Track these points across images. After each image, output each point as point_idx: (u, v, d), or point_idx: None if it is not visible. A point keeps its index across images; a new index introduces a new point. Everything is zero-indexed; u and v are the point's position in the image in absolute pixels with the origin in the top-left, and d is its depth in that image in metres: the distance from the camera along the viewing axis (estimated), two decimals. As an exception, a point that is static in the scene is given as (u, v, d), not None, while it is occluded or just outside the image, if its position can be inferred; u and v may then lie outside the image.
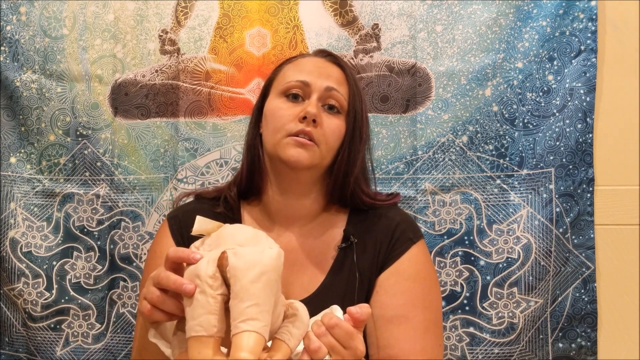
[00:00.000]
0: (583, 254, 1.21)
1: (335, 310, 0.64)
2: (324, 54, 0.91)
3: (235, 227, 0.60)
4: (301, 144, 0.81)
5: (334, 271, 0.85)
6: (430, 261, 0.89)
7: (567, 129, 1.21)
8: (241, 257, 0.53)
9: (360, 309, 0.60)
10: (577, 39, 1.21)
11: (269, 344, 0.60)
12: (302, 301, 0.65)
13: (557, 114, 1.21)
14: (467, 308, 1.21)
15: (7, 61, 1.30)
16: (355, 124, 0.85)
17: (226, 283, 0.54)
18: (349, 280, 0.84)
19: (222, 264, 0.54)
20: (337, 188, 0.87)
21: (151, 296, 0.58)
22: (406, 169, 1.24)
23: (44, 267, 1.28)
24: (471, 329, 1.21)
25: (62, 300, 1.28)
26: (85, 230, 1.29)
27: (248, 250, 0.54)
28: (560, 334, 1.21)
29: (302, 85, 0.84)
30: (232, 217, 0.89)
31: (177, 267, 0.58)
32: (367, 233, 0.87)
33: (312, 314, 0.64)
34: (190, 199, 0.98)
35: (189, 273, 0.55)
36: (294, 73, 0.86)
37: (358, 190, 0.88)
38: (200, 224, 0.60)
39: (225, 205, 0.90)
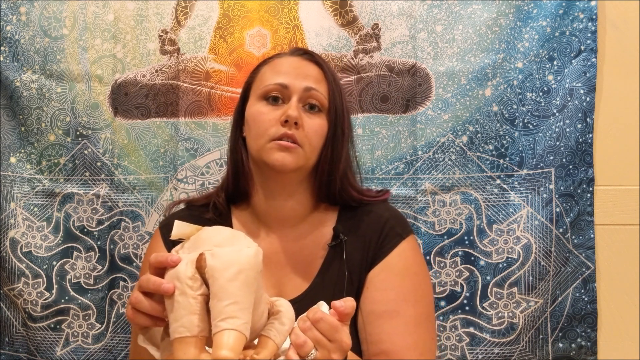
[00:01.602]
0: (583, 254, 1.21)
1: (321, 305, 0.65)
2: (301, 52, 0.90)
3: (213, 229, 0.60)
4: (285, 148, 0.81)
5: (324, 269, 0.86)
6: (420, 256, 0.89)
7: (567, 129, 1.21)
8: (218, 258, 0.54)
9: (344, 303, 0.61)
10: (577, 39, 1.21)
11: (255, 341, 0.60)
12: (293, 300, 0.66)
13: (557, 114, 1.21)
14: (467, 308, 1.21)
15: (7, 61, 1.30)
16: (336, 121, 0.85)
17: (206, 284, 0.55)
18: (339, 278, 0.84)
19: (200, 266, 0.55)
20: (323, 187, 0.88)
21: (131, 299, 0.59)
22: (406, 169, 1.24)
23: (44, 267, 1.28)
24: (471, 329, 1.21)
25: (62, 300, 1.28)
26: (85, 230, 1.29)
27: (225, 250, 0.55)
28: (560, 334, 1.21)
29: (281, 88, 0.84)
30: (221, 222, 0.89)
31: (161, 272, 0.58)
32: (356, 230, 0.87)
33: (303, 312, 0.65)
34: (182, 206, 0.98)
35: (169, 276, 0.56)
36: (272, 75, 0.85)
37: (346, 185, 0.88)
38: (179, 228, 0.60)
39: (214, 211, 0.91)
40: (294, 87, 0.83)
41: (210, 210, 0.91)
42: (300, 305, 0.66)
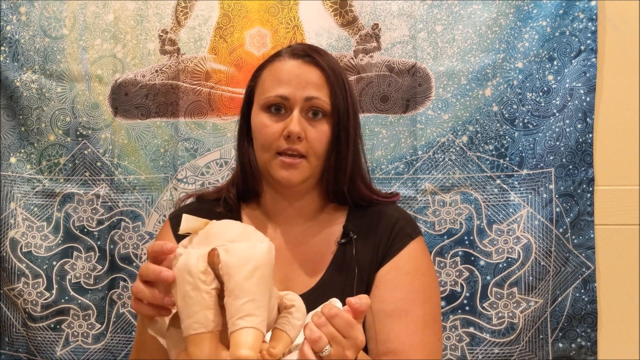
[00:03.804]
0: (583, 254, 1.21)
1: (335, 302, 0.64)
2: (302, 53, 0.87)
3: (223, 224, 0.59)
4: (289, 165, 0.82)
5: (334, 266, 0.86)
6: (428, 257, 0.90)
7: (567, 129, 1.21)
8: (233, 254, 0.53)
9: (359, 300, 0.61)
10: (577, 39, 1.21)
11: (268, 335, 0.60)
12: (302, 296, 0.65)
13: (557, 114, 1.21)
14: (467, 308, 1.21)
15: (7, 61, 1.30)
16: (340, 124, 0.85)
17: (218, 279, 0.54)
18: (348, 275, 0.84)
19: (212, 262, 0.54)
20: (331, 188, 0.88)
21: (133, 288, 0.60)
22: (406, 169, 1.24)
23: (44, 267, 1.28)
24: (471, 329, 1.21)
25: (62, 300, 1.28)
26: (85, 230, 1.29)
27: (239, 246, 0.54)
28: (560, 334, 1.21)
29: (282, 99, 0.83)
30: (231, 217, 0.90)
31: (159, 262, 0.58)
32: (366, 229, 0.87)
33: (311, 308, 0.64)
34: (192, 200, 0.99)
35: (178, 270, 0.55)
36: (273, 85, 0.85)
37: (357, 183, 0.88)
38: (187, 222, 0.59)
39: (225, 205, 0.91)
40: (295, 98, 0.83)
41: (221, 204, 0.92)
42: (308, 301, 0.66)
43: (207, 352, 0.52)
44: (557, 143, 1.21)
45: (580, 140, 1.21)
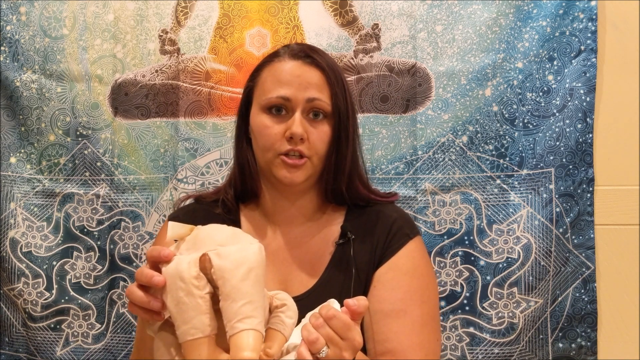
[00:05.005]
0: (583, 254, 1.21)
1: (333, 303, 0.65)
2: (302, 54, 0.87)
3: (211, 228, 0.59)
4: (292, 166, 0.82)
5: (332, 267, 0.86)
6: (427, 257, 0.90)
7: (567, 129, 1.21)
8: (226, 257, 0.53)
9: (357, 301, 0.61)
10: (577, 39, 1.21)
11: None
12: (300, 297, 0.66)
13: (557, 114, 1.21)
14: (467, 308, 1.21)
15: (7, 61, 1.30)
16: (340, 125, 0.85)
17: (211, 284, 0.54)
18: (346, 276, 0.84)
19: (204, 267, 0.54)
20: (330, 188, 0.88)
21: (126, 290, 0.61)
22: (406, 169, 1.24)
23: (44, 267, 1.28)
24: (471, 329, 1.21)
25: (62, 300, 1.28)
26: (85, 230, 1.29)
27: (231, 249, 0.55)
28: (560, 334, 1.21)
29: (283, 100, 0.83)
30: (230, 218, 0.90)
31: (158, 267, 0.59)
32: (364, 229, 0.87)
33: (310, 309, 0.65)
34: (191, 201, 0.99)
35: (169, 276, 0.55)
36: (273, 85, 0.84)
37: (356, 183, 0.89)
38: (173, 229, 0.59)
39: (223, 207, 0.91)
40: (297, 100, 0.83)
41: (219, 206, 0.92)
42: (306, 302, 0.66)
43: (205, 356, 0.52)
44: (557, 143, 1.21)
45: (580, 140, 1.21)
